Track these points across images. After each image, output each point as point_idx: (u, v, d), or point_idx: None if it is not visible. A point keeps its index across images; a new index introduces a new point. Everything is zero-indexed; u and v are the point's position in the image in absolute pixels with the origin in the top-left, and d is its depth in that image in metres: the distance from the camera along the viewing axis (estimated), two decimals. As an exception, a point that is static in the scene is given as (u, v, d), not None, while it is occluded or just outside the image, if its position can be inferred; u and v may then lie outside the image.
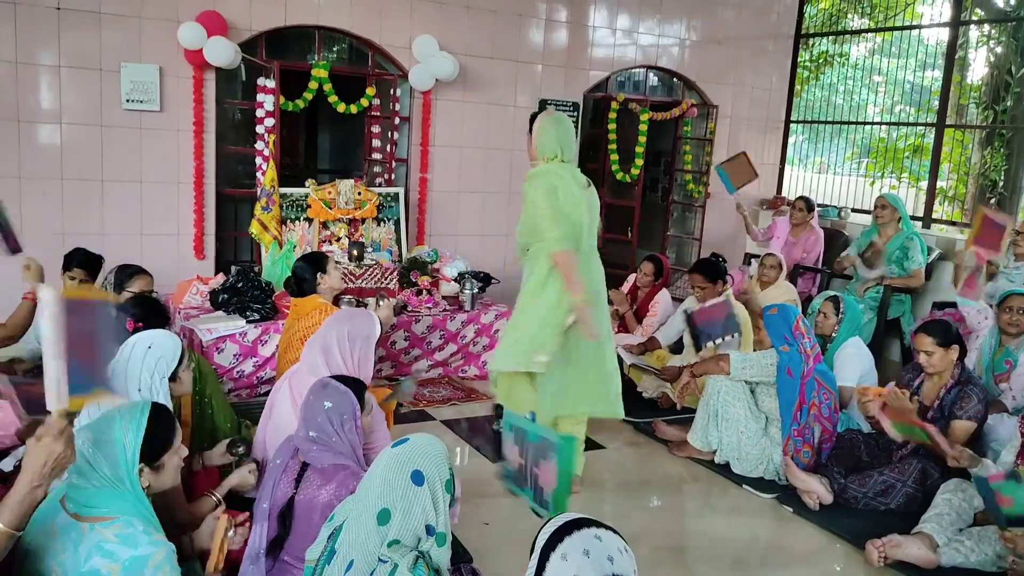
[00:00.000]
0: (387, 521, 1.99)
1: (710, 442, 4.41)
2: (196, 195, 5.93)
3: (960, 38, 8.12)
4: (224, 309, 4.97)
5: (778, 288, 5.80)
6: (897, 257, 6.07)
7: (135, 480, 2.15)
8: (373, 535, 1.99)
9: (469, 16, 6.75)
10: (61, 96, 5.49)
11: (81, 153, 5.60)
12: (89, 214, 5.66)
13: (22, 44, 5.33)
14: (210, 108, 5.91)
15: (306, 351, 3.35)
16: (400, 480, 2.02)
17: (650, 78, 8.18)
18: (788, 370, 4.14)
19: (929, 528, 3.43)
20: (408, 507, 2.00)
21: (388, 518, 1.99)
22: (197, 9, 5.65)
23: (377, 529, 1.99)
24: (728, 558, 3.58)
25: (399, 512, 1.99)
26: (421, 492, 2.02)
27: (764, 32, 8.31)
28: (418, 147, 6.74)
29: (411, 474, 2.02)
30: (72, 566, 2.01)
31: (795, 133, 9.00)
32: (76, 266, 4.36)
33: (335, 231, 6.07)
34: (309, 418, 2.70)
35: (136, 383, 2.77)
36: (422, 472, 2.03)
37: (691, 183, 8.26)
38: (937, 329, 4.04)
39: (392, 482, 2.02)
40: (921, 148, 9.71)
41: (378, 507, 2.00)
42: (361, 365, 3.28)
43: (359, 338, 3.30)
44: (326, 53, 7.21)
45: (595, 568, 1.53)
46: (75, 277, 4.39)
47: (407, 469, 2.03)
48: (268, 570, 2.57)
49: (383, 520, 1.99)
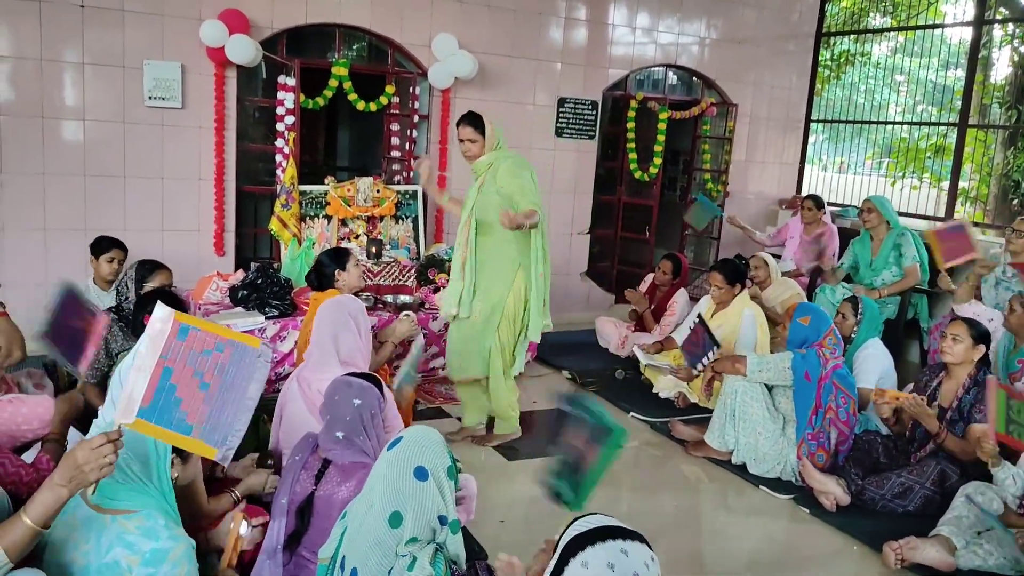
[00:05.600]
0: (400, 523, 1.99)
1: (727, 442, 4.40)
2: (216, 192, 5.98)
3: (983, 37, 8.05)
4: (243, 305, 5.01)
5: (778, 285, 5.77)
6: (894, 258, 6.02)
7: (165, 472, 2.18)
8: (387, 538, 1.99)
9: (489, 14, 6.76)
10: (85, 93, 5.55)
11: (104, 149, 5.65)
12: (111, 210, 5.72)
13: (47, 41, 5.39)
14: (231, 105, 5.95)
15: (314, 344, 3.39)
16: (405, 481, 2.02)
17: (669, 77, 8.15)
18: (806, 374, 4.13)
19: (947, 531, 3.41)
20: (419, 504, 2.01)
21: (400, 520, 2.00)
22: (219, 7, 5.68)
23: (391, 532, 1.99)
24: (744, 559, 3.57)
25: (411, 511, 2.00)
26: (428, 487, 2.03)
27: (785, 31, 8.26)
28: (437, 145, 6.76)
29: (414, 472, 2.03)
30: (94, 557, 2.03)
31: (815, 132, 8.94)
32: (114, 247, 4.45)
33: (354, 228, 6.10)
34: (337, 417, 2.69)
35: None
36: (424, 467, 2.04)
37: (710, 182, 8.23)
38: (976, 324, 4.08)
39: (397, 485, 2.02)
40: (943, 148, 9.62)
41: (387, 511, 2.01)
42: (367, 338, 3.51)
43: (359, 314, 3.48)
44: (346, 51, 7.24)
45: None
46: (113, 259, 4.48)
47: (409, 468, 2.04)
48: (285, 564, 2.59)
49: (395, 523, 2.00)
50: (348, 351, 3.35)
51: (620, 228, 7.88)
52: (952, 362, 4.04)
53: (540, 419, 4.91)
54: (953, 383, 4.07)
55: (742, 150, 8.19)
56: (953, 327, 4.06)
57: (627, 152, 7.63)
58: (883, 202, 6.16)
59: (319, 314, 3.51)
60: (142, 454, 2.15)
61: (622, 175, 7.82)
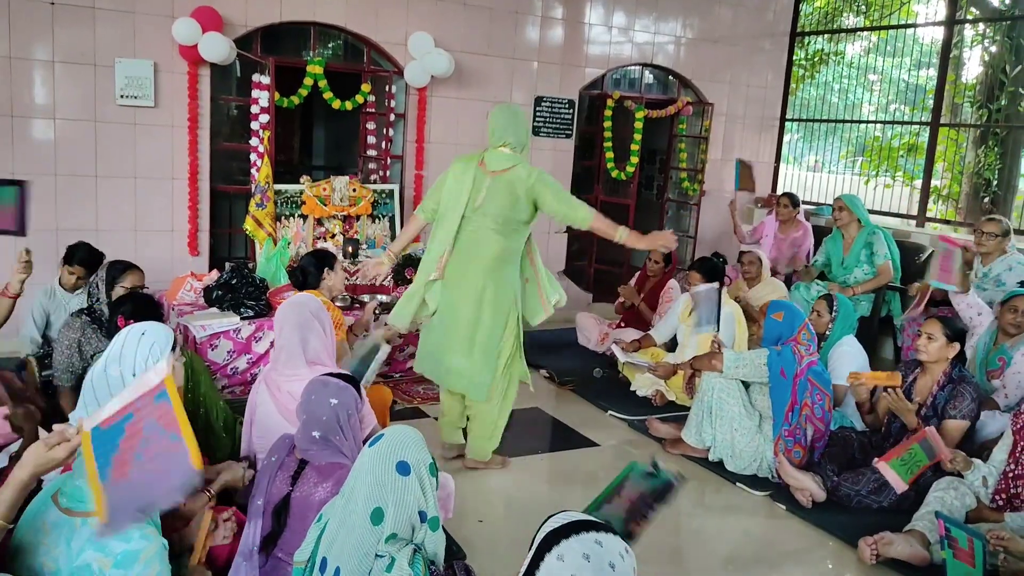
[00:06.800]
0: (381, 520, 2.00)
1: (704, 439, 4.42)
2: (190, 191, 5.92)
3: (955, 37, 8.15)
4: (218, 306, 4.97)
5: (766, 285, 5.81)
6: (865, 256, 6.08)
7: None
8: (368, 535, 1.99)
9: (465, 13, 6.75)
10: (55, 91, 5.47)
11: (75, 149, 5.58)
12: (83, 210, 5.64)
13: (16, 39, 5.31)
14: (205, 104, 5.89)
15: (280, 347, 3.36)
16: (387, 476, 2.02)
17: (646, 76, 8.18)
18: (781, 371, 4.15)
19: (921, 526, 3.45)
20: (400, 499, 2.01)
21: (382, 516, 2.00)
22: (192, 5, 5.63)
23: (372, 529, 1.99)
24: (721, 555, 3.59)
25: (392, 506, 2.00)
26: (409, 481, 2.03)
27: (760, 30, 8.31)
28: (413, 144, 6.74)
29: (396, 466, 2.03)
30: (64, 561, 2.01)
31: (790, 131, 9.01)
32: (77, 263, 4.38)
33: (330, 228, 6.06)
34: (314, 418, 2.67)
35: (131, 369, 2.78)
36: (406, 462, 2.05)
37: (686, 181, 8.27)
38: (950, 322, 4.12)
39: (379, 479, 2.02)
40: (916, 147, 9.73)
41: (369, 508, 2.00)
42: (332, 336, 3.47)
43: (320, 312, 3.45)
44: (321, 49, 7.20)
45: (595, 573, 1.51)
46: (74, 273, 4.42)
47: (391, 463, 2.04)
48: (261, 566, 2.57)
49: (377, 519, 1.99)
50: (314, 351, 3.33)
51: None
52: (927, 360, 4.08)
53: (517, 418, 4.91)
54: (928, 379, 4.11)
55: (718, 149, 8.23)
56: (928, 326, 4.09)
57: (604, 151, 7.65)
58: (854, 200, 6.21)
59: (280, 316, 3.46)
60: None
61: (599, 174, 7.84)
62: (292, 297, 3.74)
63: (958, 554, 3.07)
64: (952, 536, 3.09)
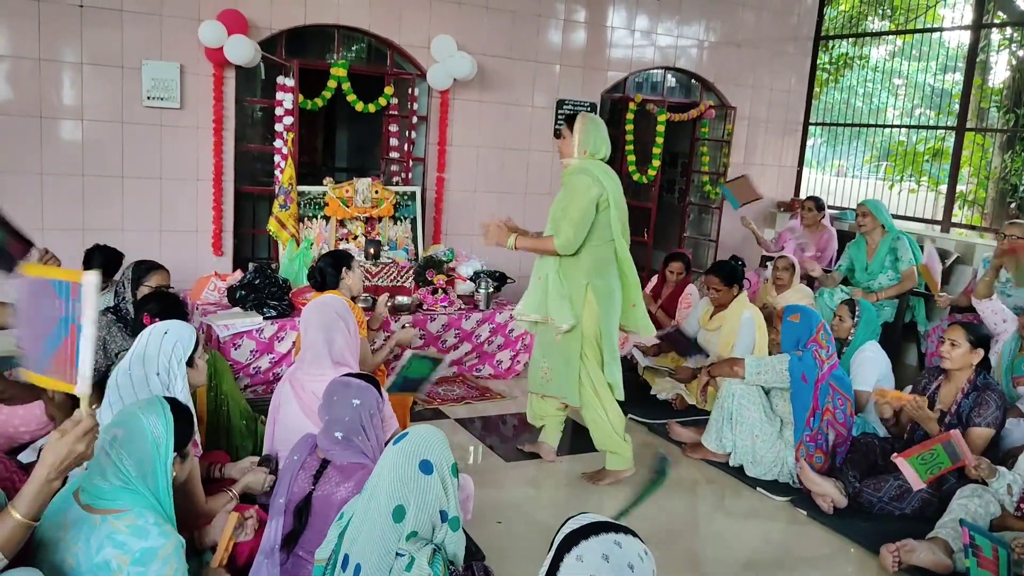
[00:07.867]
0: (403, 517, 2.01)
1: (724, 444, 4.40)
2: (215, 192, 5.98)
3: (981, 41, 8.06)
4: (241, 306, 5.01)
5: (795, 292, 5.78)
6: (889, 261, 6.03)
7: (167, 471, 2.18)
8: (389, 532, 2.01)
9: (488, 16, 6.77)
10: (83, 93, 5.55)
11: (102, 149, 5.65)
12: (109, 210, 5.71)
13: (45, 41, 5.39)
14: (230, 106, 5.95)
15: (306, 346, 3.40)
16: (410, 473, 2.04)
17: (668, 79, 8.16)
18: (803, 376, 4.13)
19: (944, 533, 3.41)
20: (422, 497, 2.02)
21: (403, 514, 2.01)
22: (218, 7, 5.69)
23: (393, 526, 2.01)
24: (741, 561, 3.57)
25: (414, 505, 2.02)
26: (432, 480, 2.05)
27: (784, 34, 8.27)
28: (435, 146, 6.76)
29: (419, 465, 2.05)
30: (85, 557, 2.04)
31: (813, 135, 8.95)
32: (96, 266, 4.41)
33: (352, 229, 6.10)
34: (336, 419, 2.69)
35: (154, 367, 2.81)
36: (429, 461, 2.06)
37: (708, 184, 8.24)
38: (973, 328, 4.10)
39: (402, 477, 2.04)
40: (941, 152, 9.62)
41: (391, 505, 2.02)
42: (356, 336, 3.55)
43: (345, 313, 3.52)
44: (345, 52, 7.25)
45: (615, 574, 1.51)
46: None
47: (414, 461, 2.06)
48: (282, 564, 2.59)
49: (399, 517, 2.01)
50: (339, 351, 3.37)
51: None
52: (951, 367, 4.04)
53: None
54: (952, 387, 4.07)
55: (740, 153, 8.20)
56: (951, 332, 4.06)
57: (626, 154, 7.64)
58: (878, 206, 6.16)
59: (305, 316, 3.50)
60: (139, 452, 2.15)
61: (621, 177, 7.77)
62: (317, 298, 3.77)
63: (982, 563, 3.04)
64: (976, 544, 3.06)
